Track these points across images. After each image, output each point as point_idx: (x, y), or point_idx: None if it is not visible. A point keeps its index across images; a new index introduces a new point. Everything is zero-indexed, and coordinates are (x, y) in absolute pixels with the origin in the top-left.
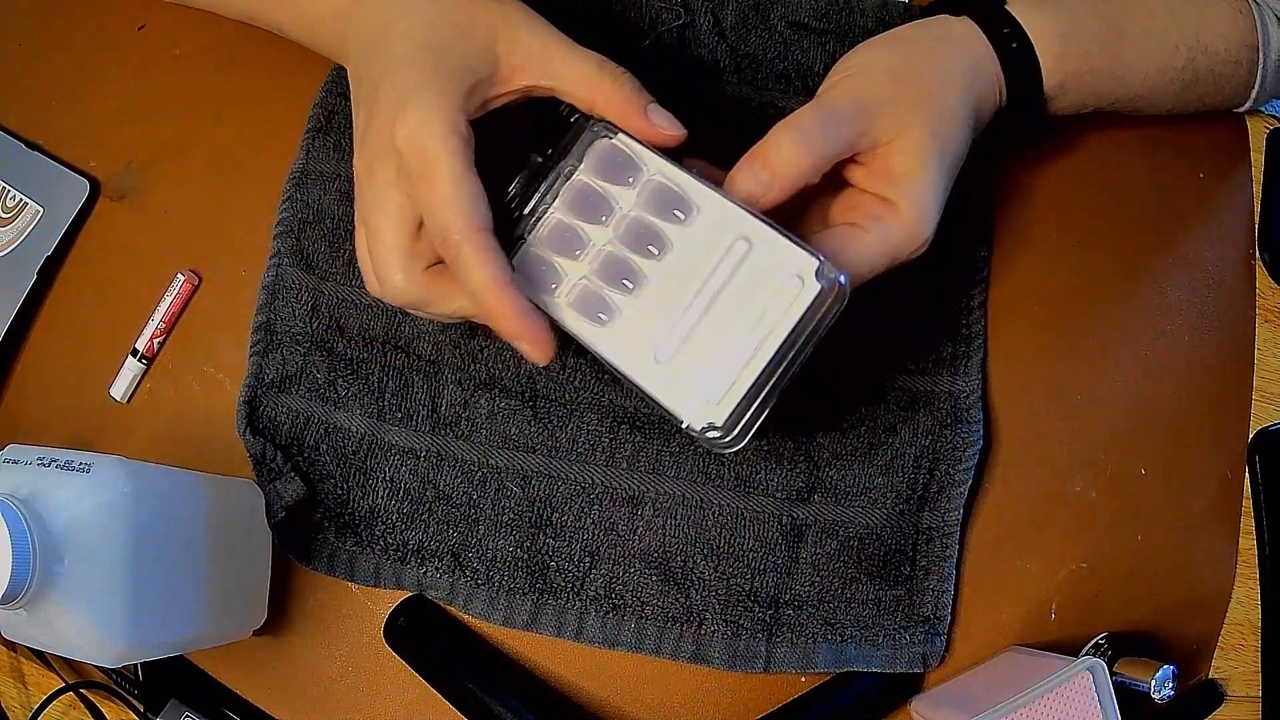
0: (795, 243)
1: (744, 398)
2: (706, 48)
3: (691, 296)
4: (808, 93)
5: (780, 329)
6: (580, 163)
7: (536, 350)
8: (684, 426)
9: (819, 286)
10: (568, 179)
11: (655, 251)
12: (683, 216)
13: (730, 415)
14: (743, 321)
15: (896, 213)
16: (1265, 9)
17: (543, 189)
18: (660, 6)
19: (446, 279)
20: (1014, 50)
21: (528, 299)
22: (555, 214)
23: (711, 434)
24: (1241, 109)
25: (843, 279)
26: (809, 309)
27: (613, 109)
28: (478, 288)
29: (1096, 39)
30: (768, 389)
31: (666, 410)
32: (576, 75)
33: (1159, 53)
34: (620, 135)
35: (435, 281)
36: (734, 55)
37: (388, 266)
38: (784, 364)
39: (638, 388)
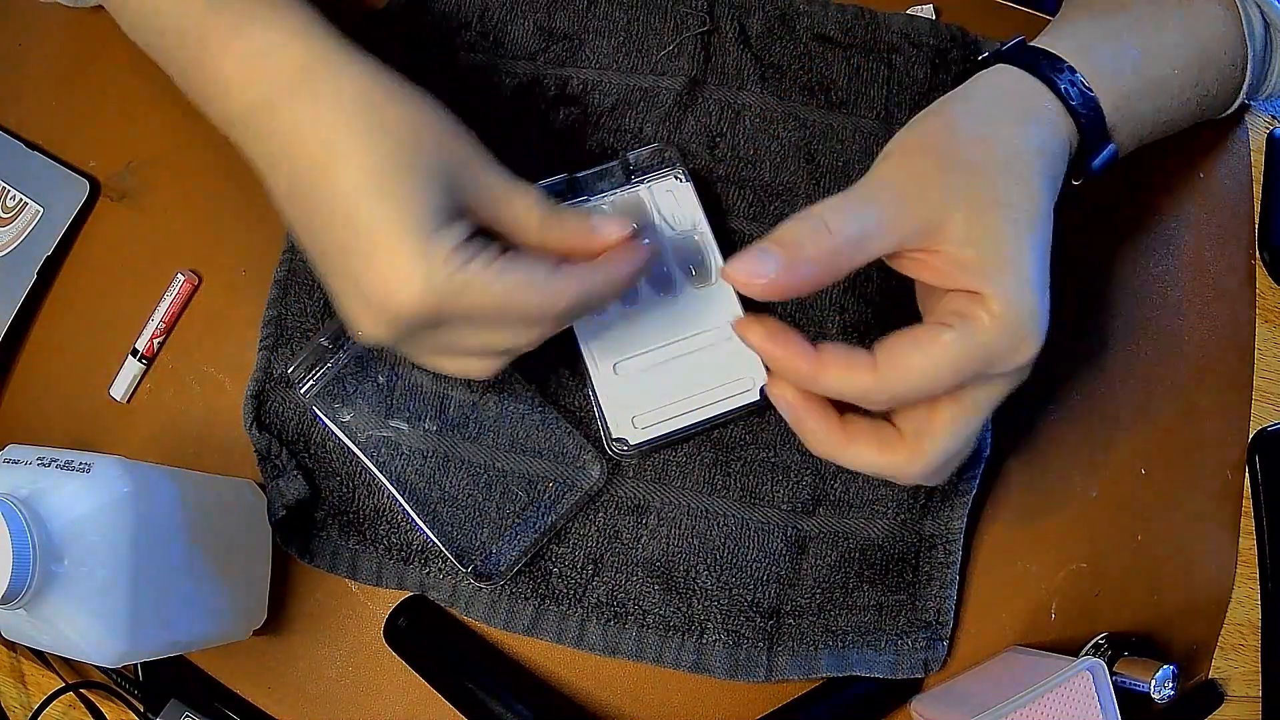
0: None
1: (659, 436)
2: (731, 56)
3: (671, 341)
4: (830, 105)
5: (715, 408)
6: (646, 183)
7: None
8: (604, 427)
9: (758, 397)
10: (630, 187)
11: (662, 286)
12: (698, 279)
13: (643, 442)
14: (693, 385)
15: (985, 305)
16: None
17: (611, 185)
18: (685, 13)
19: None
20: (1069, 86)
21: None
22: (602, 204)
23: (619, 446)
24: (1229, 110)
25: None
26: (741, 407)
27: (559, 249)
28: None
29: (1132, 66)
30: (678, 437)
31: (601, 410)
32: (523, 219)
33: (1181, 76)
34: (690, 184)
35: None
36: (758, 65)
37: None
38: (700, 429)
39: (590, 383)
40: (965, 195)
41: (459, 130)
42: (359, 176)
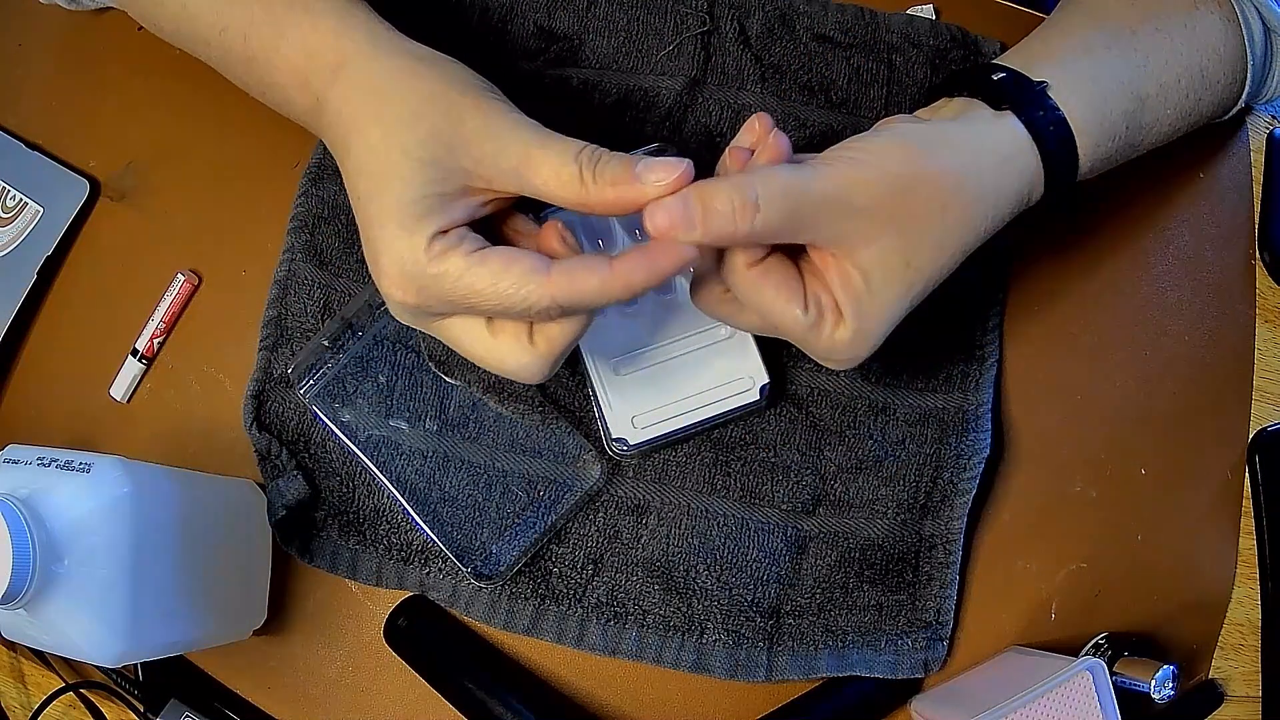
0: (760, 356)
1: (659, 436)
2: (731, 56)
3: (669, 341)
4: (830, 105)
5: (714, 408)
6: None
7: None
8: (604, 427)
9: (758, 396)
10: None
11: (661, 287)
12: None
13: (643, 442)
14: (692, 385)
15: (841, 326)
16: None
17: None
18: (685, 13)
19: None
20: (1056, 150)
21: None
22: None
23: (619, 446)
24: (1229, 115)
25: (766, 390)
26: (741, 407)
27: (605, 205)
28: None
29: (1125, 117)
30: (678, 437)
31: (601, 410)
32: (553, 182)
33: (1173, 106)
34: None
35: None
36: (758, 65)
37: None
38: (700, 429)
39: (590, 383)
40: (894, 234)
41: (473, 108)
42: (356, 170)
